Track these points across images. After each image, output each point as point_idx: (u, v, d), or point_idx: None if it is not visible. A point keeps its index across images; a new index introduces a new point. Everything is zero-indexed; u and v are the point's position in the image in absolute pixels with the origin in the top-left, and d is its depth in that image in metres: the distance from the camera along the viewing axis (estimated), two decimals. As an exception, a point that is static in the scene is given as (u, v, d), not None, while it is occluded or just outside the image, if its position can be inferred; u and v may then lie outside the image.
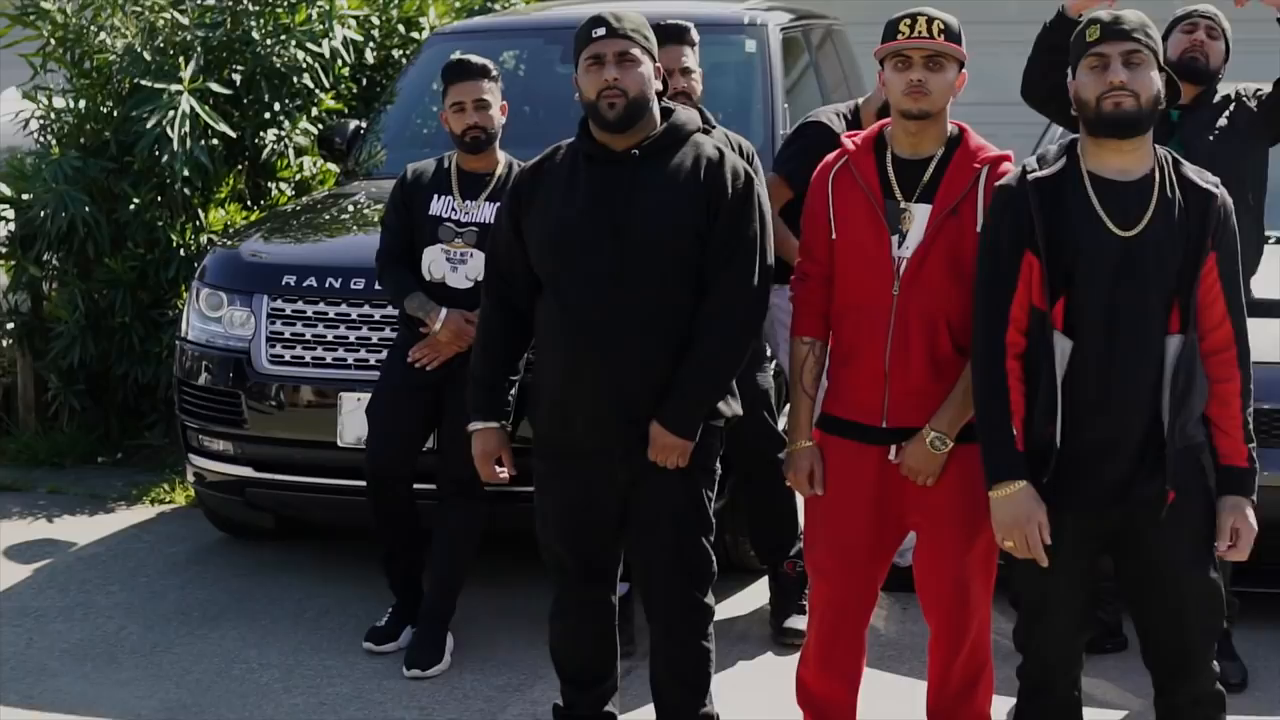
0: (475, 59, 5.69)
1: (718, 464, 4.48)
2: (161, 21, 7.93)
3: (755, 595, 6.10)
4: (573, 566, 4.50)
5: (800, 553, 5.80)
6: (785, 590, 5.82)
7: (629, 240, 4.21)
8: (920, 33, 4.09)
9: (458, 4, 9.46)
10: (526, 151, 5.82)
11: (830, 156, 4.30)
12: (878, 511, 4.23)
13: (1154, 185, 3.84)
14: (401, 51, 9.06)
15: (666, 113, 4.38)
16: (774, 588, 5.87)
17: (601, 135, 4.30)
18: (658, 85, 4.35)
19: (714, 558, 4.47)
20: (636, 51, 4.28)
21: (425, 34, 8.91)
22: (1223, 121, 5.33)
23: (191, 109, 7.54)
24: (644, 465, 4.30)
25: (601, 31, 4.28)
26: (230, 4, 7.99)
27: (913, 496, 4.20)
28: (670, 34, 5.57)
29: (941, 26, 4.10)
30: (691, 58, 5.63)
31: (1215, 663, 4.03)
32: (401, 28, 9.08)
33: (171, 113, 7.48)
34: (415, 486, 5.68)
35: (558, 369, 4.31)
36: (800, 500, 4.44)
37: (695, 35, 5.69)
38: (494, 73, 5.69)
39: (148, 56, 7.80)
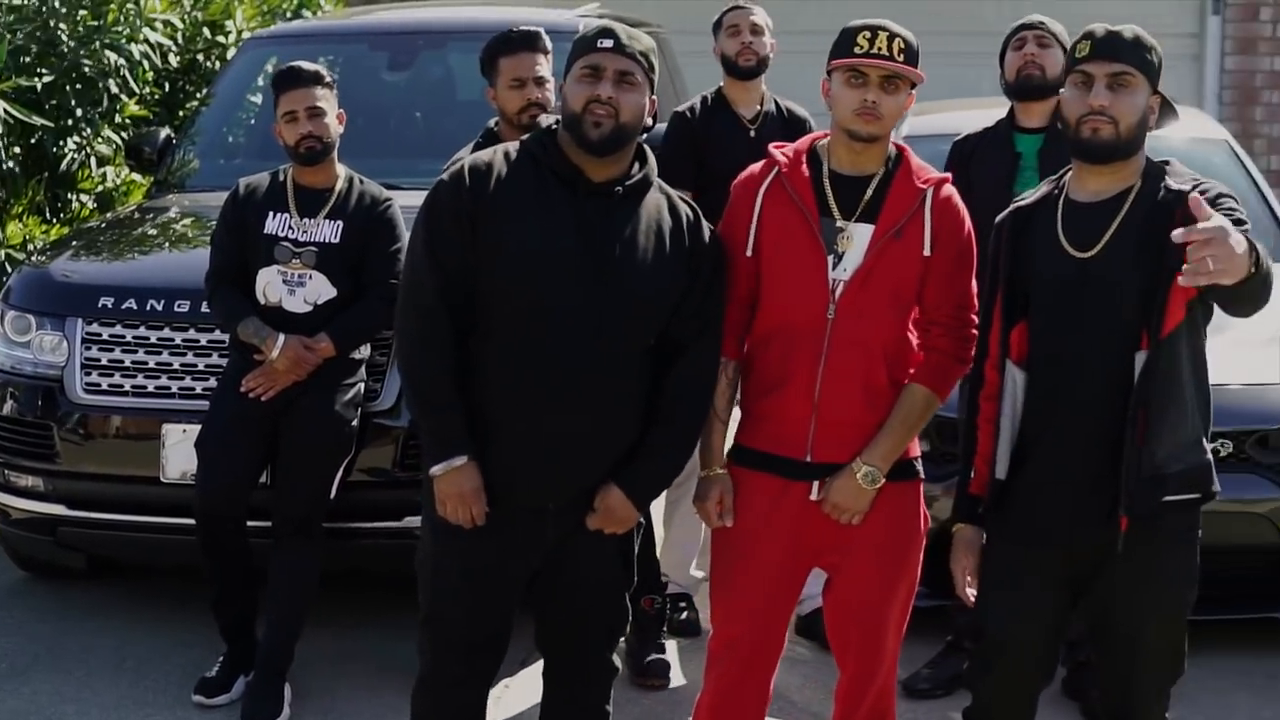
0: (307, 65, 5.31)
1: None
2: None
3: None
4: (465, 636, 4.00)
5: (660, 587, 5.57)
6: (644, 627, 5.54)
7: (615, 288, 3.79)
8: (880, 50, 3.79)
9: (265, 7, 9.02)
10: (349, 164, 5.48)
11: (756, 169, 4.00)
12: (793, 552, 3.97)
13: (1125, 202, 3.65)
14: (205, 56, 8.59)
15: (639, 151, 3.96)
16: (633, 625, 5.58)
17: (577, 156, 3.85)
18: (648, 121, 3.92)
19: (630, 611, 4.17)
20: (639, 76, 3.85)
21: (232, 38, 8.47)
22: None
23: (4, 111, 7.00)
24: (576, 525, 3.93)
25: (609, 43, 3.83)
26: (38, 3, 7.46)
27: (832, 535, 3.94)
28: (522, 41, 5.26)
29: (902, 45, 3.81)
30: (545, 66, 5.31)
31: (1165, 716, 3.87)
32: (207, 31, 8.61)
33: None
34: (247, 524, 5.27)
35: (506, 413, 3.82)
36: (704, 532, 4.15)
37: (548, 42, 5.38)
38: (328, 79, 5.32)
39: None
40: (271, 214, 5.29)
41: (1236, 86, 11.53)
